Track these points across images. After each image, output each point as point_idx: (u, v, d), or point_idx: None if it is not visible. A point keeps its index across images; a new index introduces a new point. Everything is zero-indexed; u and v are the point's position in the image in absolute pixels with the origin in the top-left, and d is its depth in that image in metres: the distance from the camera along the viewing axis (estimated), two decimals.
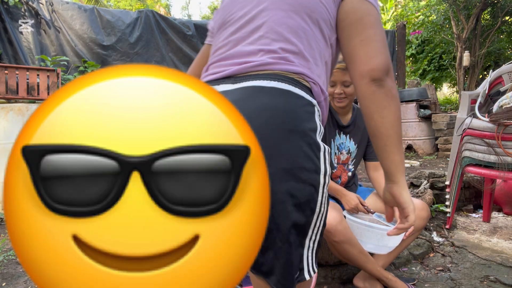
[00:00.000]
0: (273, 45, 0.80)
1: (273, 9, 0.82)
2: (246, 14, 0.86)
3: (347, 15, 0.84)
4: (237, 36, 0.85)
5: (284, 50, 0.80)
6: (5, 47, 5.27)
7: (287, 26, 0.81)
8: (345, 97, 1.71)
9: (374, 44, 0.80)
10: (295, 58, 0.79)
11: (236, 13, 0.88)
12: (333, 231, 1.47)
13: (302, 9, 0.82)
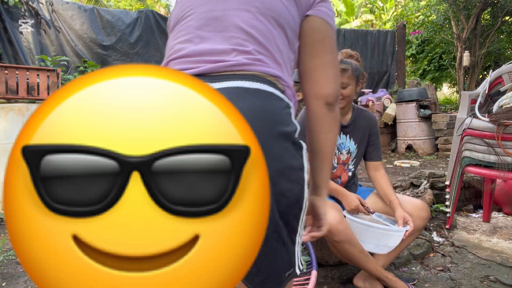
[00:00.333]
0: (247, 46, 0.80)
1: (240, 10, 0.82)
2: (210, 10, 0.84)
3: (311, 33, 0.87)
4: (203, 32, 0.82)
5: (258, 52, 0.80)
6: (5, 47, 5.27)
7: (257, 28, 0.81)
8: (342, 98, 1.71)
9: (332, 70, 0.87)
10: (268, 61, 0.80)
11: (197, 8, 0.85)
12: (334, 230, 1.47)
13: (269, 12, 0.82)
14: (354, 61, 1.72)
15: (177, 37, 0.87)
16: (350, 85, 1.69)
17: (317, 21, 0.86)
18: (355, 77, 1.70)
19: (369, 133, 1.86)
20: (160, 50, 6.43)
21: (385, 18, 12.13)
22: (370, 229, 1.54)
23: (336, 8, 14.48)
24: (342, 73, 1.68)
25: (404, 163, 5.04)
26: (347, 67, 1.68)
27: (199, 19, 0.84)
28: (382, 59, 8.50)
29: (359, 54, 1.79)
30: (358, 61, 1.76)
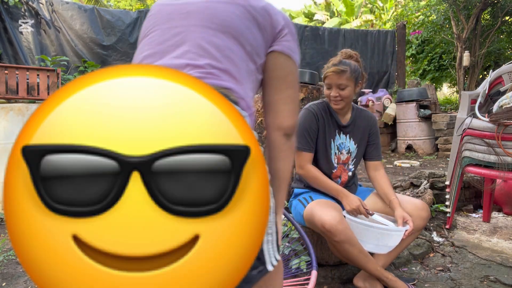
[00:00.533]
0: (200, 61, 0.84)
1: (200, 26, 0.88)
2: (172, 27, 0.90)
3: (275, 69, 0.95)
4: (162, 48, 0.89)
5: (211, 66, 0.84)
6: (5, 47, 5.27)
7: (214, 44, 0.86)
8: (341, 99, 1.71)
9: (292, 105, 0.96)
10: (221, 74, 0.84)
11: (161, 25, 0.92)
12: (334, 230, 1.47)
13: (229, 30, 0.88)
14: (353, 62, 1.71)
15: (142, 51, 0.93)
16: (349, 86, 1.69)
17: (281, 58, 0.95)
18: (354, 78, 1.69)
19: (369, 133, 1.85)
20: None
21: (385, 18, 12.12)
22: (369, 229, 1.54)
23: (336, 8, 14.49)
24: (340, 74, 1.67)
25: (404, 163, 5.04)
26: (345, 69, 1.67)
27: (161, 35, 0.90)
28: (382, 59, 8.50)
29: (358, 54, 1.78)
30: (358, 62, 1.75)
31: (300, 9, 17.62)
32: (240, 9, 0.91)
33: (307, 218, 1.64)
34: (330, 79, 1.70)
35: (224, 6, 0.90)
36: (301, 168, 1.76)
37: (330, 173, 1.80)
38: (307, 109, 1.80)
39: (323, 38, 8.03)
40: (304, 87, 2.38)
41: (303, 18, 15.65)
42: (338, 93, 1.70)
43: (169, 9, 0.94)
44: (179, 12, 0.91)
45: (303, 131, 1.75)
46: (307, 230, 1.82)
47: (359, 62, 1.75)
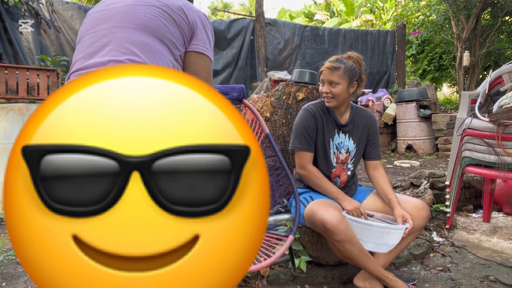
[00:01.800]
0: (121, 57, 0.97)
1: (122, 27, 1.01)
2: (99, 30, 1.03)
3: (189, 64, 1.10)
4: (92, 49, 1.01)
5: (131, 60, 0.97)
6: (5, 47, 5.27)
7: (133, 41, 0.99)
8: (332, 97, 1.71)
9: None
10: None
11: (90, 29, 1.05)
12: (334, 230, 1.47)
13: (147, 29, 1.02)
14: (350, 62, 1.71)
15: (76, 54, 1.06)
16: (341, 84, 1.69)
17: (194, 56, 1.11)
18: (348, 77, 1.69)
19: (368, 132, 1.85)
20: None
21: (385, 18, 12.12)
22: (369, 228, 1.54)
23: (336, 8, 14.49)
24: (333, 71, 1.68)
25: (404, 163, 5.04)
26: (339, 66, 1.68)
27: (90, 38, 1.04)
28: (382, 59, 8.51)
29: (361, 57, 1.78)
30: (359, 64, 1.74)
31: (300, 9, 17.62)
32: (157, 10, 1.05)
33: (307, 218, 1.64)
34: (323, 74, 1.72)
35: (142, 8, 1.04)
36: (302, 168, 1.76)
37: (329, 173, 1.80)
38: (305, 108, 1.80)
39: (323, 38, 8.04)
40: (304, 87, 2.38)
41: (303, 18, 15.65)
42: (329, 90, 1.70)
43: (96, 15, 1.08)
44: (104, 16, 1.05)
45: (302, 131, 1.75)
46: (308, 230, 1.82)
47: (359, 65, 1.75)
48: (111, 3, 1.08)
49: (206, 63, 1.13)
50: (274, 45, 7.51)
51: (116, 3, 1.07)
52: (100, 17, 1.06)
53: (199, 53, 1.11)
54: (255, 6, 7.34)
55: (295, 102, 2.33)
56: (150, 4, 1.05)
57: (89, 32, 1.05)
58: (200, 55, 1.11)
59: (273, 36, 7.53)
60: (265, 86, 5.57)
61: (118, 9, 1.04)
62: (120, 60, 0.96)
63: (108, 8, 1.06)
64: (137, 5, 1.04)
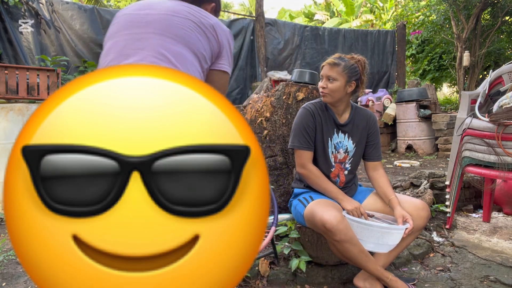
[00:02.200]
0: (160, 64, 1.01)
1: (159, 34, 1.05)
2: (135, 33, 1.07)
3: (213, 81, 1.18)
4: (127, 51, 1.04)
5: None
6: (5, 47, 5.27)
7: (169, 49, 1.04)
8: (327, 93, 1.71)
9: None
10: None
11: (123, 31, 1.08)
12: (334, 230, 1.47)
13: (182, 40, 1.07)
14: (352, 61, 1.71)
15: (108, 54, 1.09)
16: (338, 80, 1.69)
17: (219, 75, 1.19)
18: (346, 75, 1.69)
19: (368, 133, 1.85)
20: None
21: (385, 18, 12.12)
22: (370, 228, 1.54)
23: (336, 8, 14.49)
24: (332, 67, 1.69)
25: (404, 163, 5.04)
26: (339, 63, 1.68)
27: (125, 40, 1.07)
28: (382, 59, 8.50)
29: (365, 60, 1.78)
30: (361, 66, 1.74)
31: (300, 9, 17.62)
32: (192, 23, 1.11)
33: (307, 218, 1.64)
34: (323, 70, 1.73)
35: (179, 19, 1.09)
36: (302, 167, 1.76)
37: (328, 172, 1.80)
38: (304, 107, 1.80)
39: (323, 38, 8.03)
40: (304, 87, 2.38)
41: (303, 18, 15.65)
42: (326, 85, 1.70)
43: (129, 18, 1.11)
44: (140, 21, 1.08)
45: (301, 130, 1.75)
46: (308, 230, 1.82)
47: (362, 67, 1.74)
48: (146, 8, 1.12)
49: (226, 81, 1.23)
50: (274, 45, 7.51)
51: (151, 9, 1.11)
52: (135, 20, 1.09)
53: (223, 72, 1.20)
54: (255, 6, 7.34)
55: (295, 102, 2.33)
56: (186, 17, 1.10)
57: (123, 33, 1.08)
58: (224, 73, 1.21)
59: (273, 36, 7.53)
60: (265, 86, 5.57)
61: (155, 16, 1.08)
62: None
63: (144, 14, 1.10)
64: (173, 16, 1.09)
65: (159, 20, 1.08)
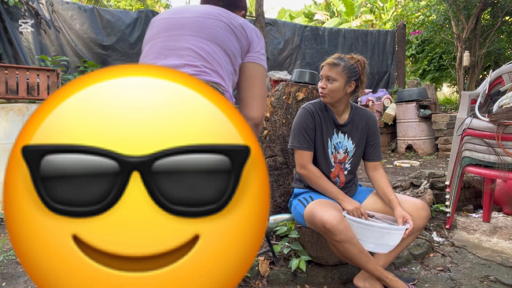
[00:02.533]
0: (196, 62, 1.11)
1: (194, 36, 1.15)
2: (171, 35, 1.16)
3: (246, 72, 1.24)
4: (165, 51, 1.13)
5: (204, 66, 1.12)
6: (5, 47, 5.27)
7: (204, 50, 1.13)
8: (327, 93, 1.71)
9: (260, 100, 1.24)
10: (212, 73, 1.12)
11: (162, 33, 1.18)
12: (334, 230, 1.47)
13: (215, 40, 1.16)
14: (352, 61, 1.71)
15: (147, 55, 1.17)
16: (338, 81, 1.69)
17: (252, 66, 1.25)
18: (346, 75, 1.69)
19: (368, 133, 1.84)
20: None
21: (385, 18, 12.12)
22: (370, 228, 1.54)
23: (336, 8, 14.48)
24: (332, 67, 1.69)
25: (404, 163, 5.04)
26: (338, 63, 1.68)
27: (162, 41, 1.16)
28: (382, 59, 8.50)
29: (365, 60, 1.78)
30: (361, 66, 1.74)
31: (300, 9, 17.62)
32: (223, 24, 1.19)
33: (307, 218, 1.64)
34: (323, 70, 1.73)
35: (211, 21, 1.18)
36: (302, 167, 1.76)
37: (328, 173, 1.80)
38: (303, 107, 1.80)
39: (323, 38, 8.04)
40: (304, 87, 2.38)
41: (303, 18, 15.65)
42: (325, 85, 1.70)
43: (167, 21, 1.20)
44: (176, 24, 1.18)
45: (301, 130, 1.75)
46: (308, 230, 1.82)
47: (362, 67, 1.74)
48: (180, 12, 1.22)
49: (261, 71, 1.27)
50: (274, 45, 7.52)
51: (186, 13, 1.21)
52: (171, 23, 1.19)
53: (254, 63, 1.26)
54: (255, 6, 7.34)
55: (295, 102, 2.33)
56: (217, 19, 1.19)
57: (161, 35, 1.17)
58: (255, 64, 1.26)
59: (273, 36, 7.53)
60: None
61: (190, 19, 1.18)
62: (195, 65, 1.09)
63: (179, 17, 1.20)
64: (206, 18, 1.18)
65: (193, 22, 1.17)
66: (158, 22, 1.23)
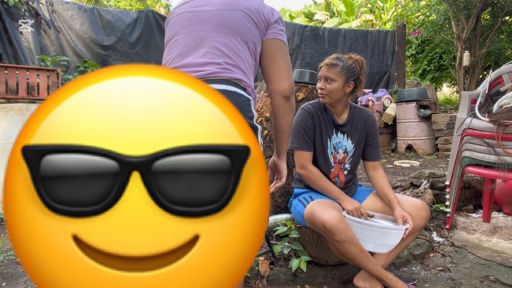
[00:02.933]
0: (218, 59, 1.13)
1: (214, 31, 1.16)
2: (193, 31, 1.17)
3: (267, 48, 1.25)
4: (187, 49, 1.16)
5: (226, 63, 1.14)
6: (5, 47, 5.27)
7: (226, 45, 1.15)
8: (326, 94, 1.71)
9: (285, 71, 1.24)
10: (234, 69, 1.14)
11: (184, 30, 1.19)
12: (334, 230, 1.47)
13: (236, 33, 1.17)
14: (350, 61, 1.71)
15: (170, 52, 1.20)
16: (337, 81, 1.69)
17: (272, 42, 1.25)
18: (344, 75, 1.69)
19: (367, 133, 1.85)
20: (160, 50, 6.43)
21: (385, 18, 12.12)
22: (370, 228, 1.54)
23: (336, 8, 14.48)
24: (330, 67, 1.69)
25: (404, 163, 5.04)
26: (337, 63, 1.68)
27: (184, 38, 1.17)
28: (382, 59, 8.50)
29: (363, 60, 1.78)
30: (359, 66, 1.74)
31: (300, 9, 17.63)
32: (242, 14, 1.18)
33: (307, 218, 1.64)
34: (321, 71, 1.73)
35: (230, 13, 1.18)
36: (302, 168, 1.76)
37: (328, 173, 1.80)
38: (302, 108, 1.80)
39: (323, 38, 8.04)
40: (304, 87, 2.38)
41: (303, 18, 15.65)
42: (324, 86, 1.70)
43: (187, 16, 1.20)
44: (196, 18, 1.18)
45: (300, 130, 1.75)
46: (307, 230, 1.82)
47: (360, 67, 1.74)
48: (199, 5, 1.21)
49: (281, 46, 1.26)
50: None
51: (205, 6, 1.20)
52: (192, 18, 1.19)
53: (274, 39, 1.26)
54: None
55: (295, 102, 2.33)
56: (236, 8, 1.19)
57: (183, 32, 1.19)
58: (275, 40, 1.25)
59: None
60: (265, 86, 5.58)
61: (210, 13, 1.18)
62: (217, 63, 1.12)
63: (199, 10, 1.20)
64: (225, 10, 1.19)
65: (213, 16, 1.17)
66: (179, 17, 1.23)
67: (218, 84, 1.10)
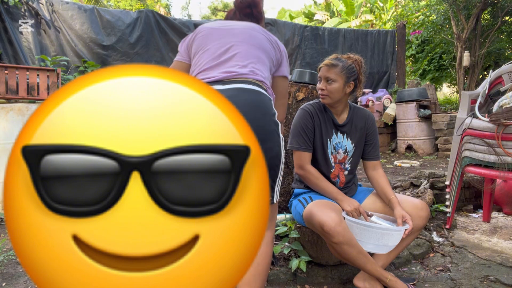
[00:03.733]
0: (245, 62, 1.32)
1: (245, 43, 1.36)
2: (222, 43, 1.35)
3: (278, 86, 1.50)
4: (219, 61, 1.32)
5: (253, 67, 1.32)
6: (5, 47, 5.27)
7: (253, 55, 1.35)
8: (327, 94, 1.71)
9: (284, 108, 1.55)
10: (259, 72, 1.33)
11: (213, 42, 1.37)
12: (332, 232, 1.46)
13: (260, 47, 1.38)
14: (349, 62, 1.71)
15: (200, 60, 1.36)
16: (337, 82, 1.69)
17: (281, 80, 1.51)
18: (344, 75, 1.69)
19: (367, 132, 1.84)
20: (160, 50, 6.43)
21: (385, 18, 12.12)
22: (369, 229, 1.54)
23: (336, 8, 14.48)
24: (330, 68, 1.69)
25: (404, 163, 5.04)
26: (336, 64, 1.68)
27: (215, 48, 1.35)
28: (382, 59, 8.50)
29: (362, 59, 1.78)
30: (359, 65, 1.74)
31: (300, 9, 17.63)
32: (265, 37, 1.43)
33: (306, 219, 1.64)
34: (321, 71, 1.73)
35: (256, 33, 1.41)
36: (301, 168, 1.76)
37: (328, 173, 1.80)
38: (302, 108, 1.80)
39: (323, 38, 8.03)
40: (304, 87, 2.38)
41: (303, 18, 15.64)
42: (325, 87, 1.70)
43: (217, 31, 1.39)
44: (227, 33, 1.38)
45: (299, 131, 1.75)
46: (307, 230, 1.82)
47: (359, 66, 1.74)
48: (229, 24, 1.43)
49: (287, 84, 1.54)
50: None
51: (234, 25, 1.42)
52: (223, 32, 1.38)
53: (285, 77, 1.52)
54: None
55: (295, 102, 2.33)
56: (260, 33, 1.42)
57: (214, 42, 1.37)
58: (285, 78, 1.52)
59: None
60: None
61: (240, 29, 1.40)
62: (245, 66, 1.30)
63: (229, 28, 1.40)
64: (251, 30, 1.41)
65: (243, 32, 1.38)
66: (209, 31, 1.40)
67: (244, 84, 1.26)
